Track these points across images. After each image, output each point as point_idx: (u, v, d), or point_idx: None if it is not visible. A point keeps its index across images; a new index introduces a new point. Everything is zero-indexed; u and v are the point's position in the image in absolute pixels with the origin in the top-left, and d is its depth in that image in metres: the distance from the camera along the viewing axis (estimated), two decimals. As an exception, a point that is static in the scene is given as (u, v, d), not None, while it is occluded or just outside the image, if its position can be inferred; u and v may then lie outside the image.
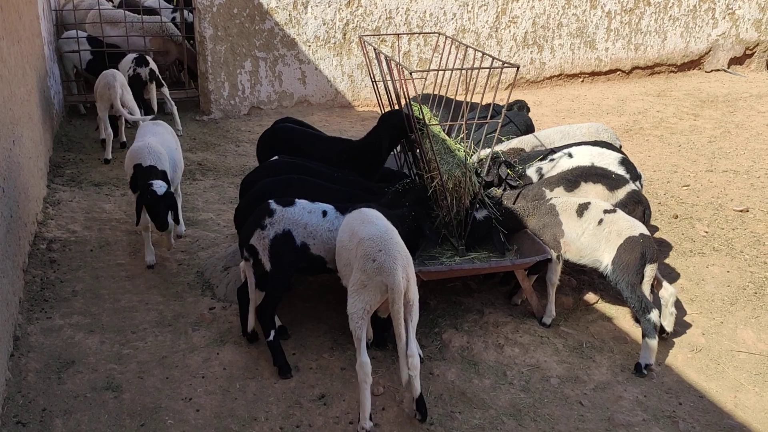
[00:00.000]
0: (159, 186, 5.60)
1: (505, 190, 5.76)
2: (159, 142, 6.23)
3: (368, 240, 3.97)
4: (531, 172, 5.97)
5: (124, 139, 9.16)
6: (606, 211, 4.98)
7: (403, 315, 3.90)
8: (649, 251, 4.81)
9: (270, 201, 4.64)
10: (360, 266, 3.95)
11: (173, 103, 9.82)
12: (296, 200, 4.68)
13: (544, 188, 5.56)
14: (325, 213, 4.68)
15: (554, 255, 5.10)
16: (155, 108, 9.56)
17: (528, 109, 7.55)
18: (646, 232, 4.89)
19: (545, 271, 5.23)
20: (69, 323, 5.17)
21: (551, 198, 5.28)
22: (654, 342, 4.72)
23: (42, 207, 7.06)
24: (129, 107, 8.49)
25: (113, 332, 5.09)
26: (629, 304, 4.85)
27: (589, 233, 4.96)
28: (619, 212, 5.02)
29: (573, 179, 5.50)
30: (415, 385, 4.07)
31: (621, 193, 5.41)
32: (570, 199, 5.20)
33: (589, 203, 5.07)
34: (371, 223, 4.12)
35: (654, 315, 4.72)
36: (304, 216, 4.60)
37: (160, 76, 9.52)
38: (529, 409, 4.37)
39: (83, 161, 8.68)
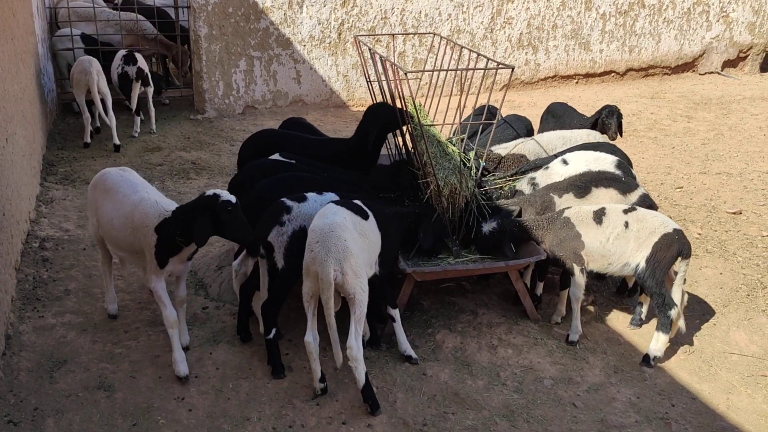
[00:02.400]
0: (227, 194, 4.38)
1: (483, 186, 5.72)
2: (158, 195, 4.74)
3: (312, 231, 4.24)
4: (523, 185, 5.79)
5: (98, 124, 9.50)
6: (626, 212, 4.92)
7: (332, 305, 4.11)
8: (685, 247, 4.80)
9: (284, 199, 4.63)
10: (304, 255, 4.24)
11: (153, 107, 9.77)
12: (306, 195, 4.68)
13: (552, 194, 5.41)
14: None
15: (577, 270, 4.99)
16: (134, 106, 9.45)
17: (620, 116, 7.05)
18: (677, 226, 4.87)
19: (569, 286, 5.12)
20: (61, 322, 5.15)
21: (564, 211, 5.12)
22: (666, 337, 4.80)
23: (35, 205, 7.03)
24: (103, 94, 8.81)
25: (106, 331, 5.07)
26: (653, 299, 4.84)
27: (616, 238, 4.87)
28: (640, 209, 4.98)
29: (583, 185, 5.36)
30: (356, 376, 4.24)
31: (633, 196, 5.32)
32: (583, 208, 5.06)
33: (604, 208, 4.97)
34: (323, 216, 4.30)
35: (674, 312, 4.78)
36: (317, 209, 4.58)
37: (149, 76, 9.46)
38: (522, 410, 4.37)
39: (77, 159, 8.65)
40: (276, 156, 5.51)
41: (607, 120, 6.98)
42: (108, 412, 4.24)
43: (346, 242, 4.15)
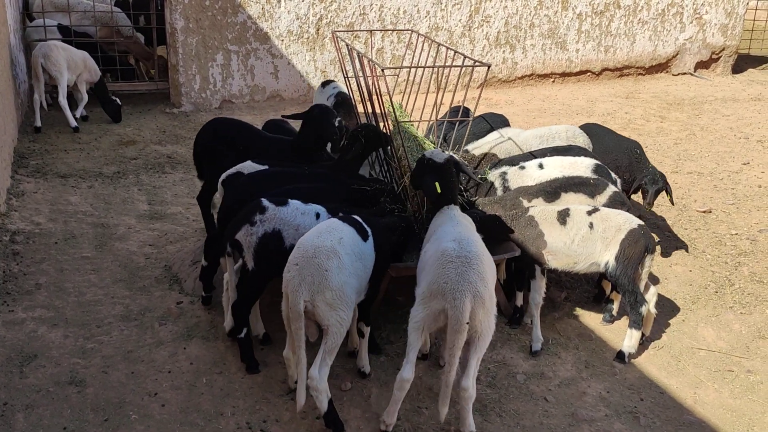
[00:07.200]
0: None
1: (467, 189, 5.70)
2: None
3: (297, 247, 4.01)
4: (494, 177, 5.75)
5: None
6: (590, 213, 4.93)
7: (302, 336, 3.88)
8: (650, 242, 4.87)
9: (262, 198, 4.45)
10: (284, 271, 4.01)
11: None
12: (289, 200, 4.51)
13: (521, 198, 5.36)
14: (318, 215, 4.52)
15: (538, 271, 4.99)
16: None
17: (663, 189, 6.41)
18: (641, 222, 4.93)
19: (527, 290, 5.11)
20: (32, 316, 5.08)
21: (528, 209, 5.11)
22: (639, 334, 4.90)
23: (5, 198, 6.92)
24: (55, 78, 9.03)
25: (77, 326, 5.02)
26: (625, 297, 4.87)
27: (581, 239, 4.88)
28: (603, 208, 5.01)
29: (552, 191, 5.34)
30: (318, 405, 3.99)
31: (603, 197, 5.30)
32: (547, 208, 5.08)
33: (568, 209, 4.98)
34: (318, 234, 4.04)
35: (644, 309, 4.86)
36: (297, 217, 4.43)
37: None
38: (494, 405, 4.42)
39: (49, 152, 8.52)
40: (249, 163, 5.22)
41: (647, 186, 6.40)
42: (79, 407, 4.20)
43: (326, 273, 3.86)
